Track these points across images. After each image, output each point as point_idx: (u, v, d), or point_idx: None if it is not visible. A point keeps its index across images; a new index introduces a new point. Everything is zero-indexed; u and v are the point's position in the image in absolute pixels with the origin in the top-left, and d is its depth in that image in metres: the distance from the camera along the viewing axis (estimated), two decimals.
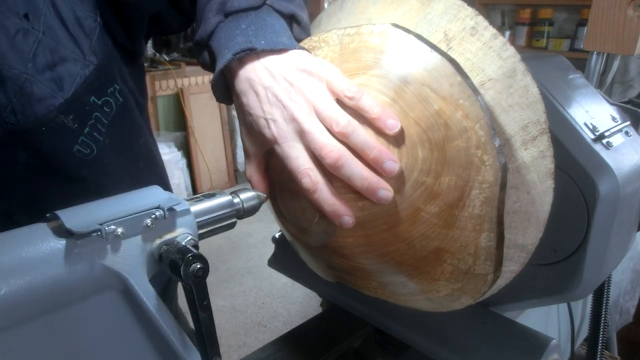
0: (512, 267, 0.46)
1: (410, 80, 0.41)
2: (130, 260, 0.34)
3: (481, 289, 0.43)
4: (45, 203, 0.48)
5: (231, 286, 2.32)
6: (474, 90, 0.39)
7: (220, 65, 0.46)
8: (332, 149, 0.41)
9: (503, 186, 0.39)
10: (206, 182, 3.30)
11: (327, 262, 0.54)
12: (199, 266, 0.34)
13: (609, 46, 0.83)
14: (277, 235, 0.76)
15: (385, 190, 0.41)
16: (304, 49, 0.47)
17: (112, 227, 0.32)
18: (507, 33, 2.81)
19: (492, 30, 0.42)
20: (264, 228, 2.82)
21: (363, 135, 0.41)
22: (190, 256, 0.33)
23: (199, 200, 0.41)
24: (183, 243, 0.35)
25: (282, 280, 2.35)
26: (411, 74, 0.41)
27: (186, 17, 0.59)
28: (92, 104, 0.51)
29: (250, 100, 0.45)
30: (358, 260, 0.47)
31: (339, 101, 0.43)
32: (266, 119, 0.44)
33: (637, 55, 0.81)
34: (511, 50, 0.42)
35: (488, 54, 0.42)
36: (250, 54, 0.45)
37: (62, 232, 0.32)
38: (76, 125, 0.50)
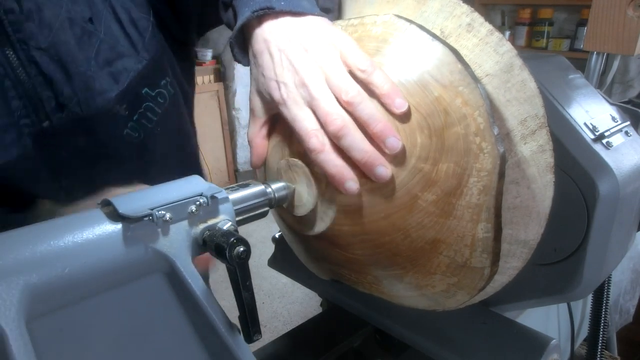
0: (514, 264, 0.46)
1: (411, 67, 0.42)
2: (177, 244, 0.36)
3: (478, 284, 0.43)
4: (99, 182, 0.52)
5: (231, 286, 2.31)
6: (474, 78, 0.40)
7: (240, 22, 0.46)
8: (337, 117, 0.41)
9: (501, 175, 0.39)
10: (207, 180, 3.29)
11: (321, 255, 0.54)
12: (242, 249, 0.36)
13: (609, 46, 0.83)
14: (277, 235, 0.76)
15: (384, 167, 0.41)
16: (324, 15, 0.47)
17: (162, 212, 0.35)
18: (507, 33, 2.81)
19: (488, 27, 0.42)
20: (264, 228, 2.82)
21: (370, 108, 0.41)
22: (234, 239, 0.35)
23: (235, 189, 0.43)
24: (224, 228, 0.38)
25: (282, 280, 2.35)
26: (412, 62, 0.42)
27: None
28: (144, 95, 0.59)
29: (264, 62, 0.45)
30: (353, 251, 0.47)
31: (351, 73, 0.43)
32: (277, 82, 0.44)
33: (637, 55, 0.81)
34: (507, 45, 0.42)
35: (485, 50, 0.42)
36: (269, 12, 0.45)
37: (116, 217, 0.34)
38: (127, 113, 0.57)
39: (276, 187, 0.46)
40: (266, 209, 0.45)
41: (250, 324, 0.38)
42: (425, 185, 0.41)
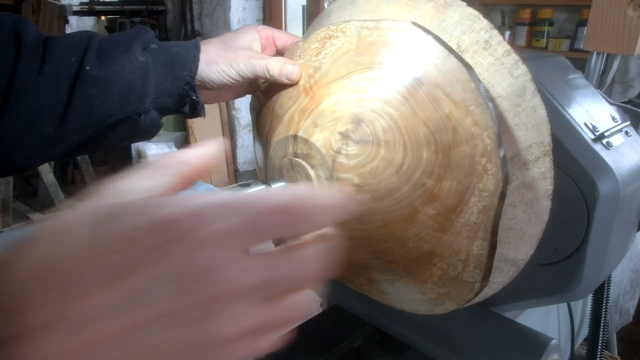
0: (500, 279, 0.47)
1: (424, 80, 0.41)
2: None
3: (467, 296, 0.44)
4: None
5: None
6: (486, 98, 0.39)
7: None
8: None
9: (502, 197, 0.39)
10: (206, 182, 3.30)
11: None
12: None
13: (609, 46, 0.82)
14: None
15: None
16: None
17: None
18: (507, 33, 2.80)
19: (505, 46, 0.41)
20: None
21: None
22: None
23: (235, 189, 0.44)
24: None
25: None
26: (426, 74, 0.41)
27: None
28: None
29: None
30: (349, 254, 0.47)
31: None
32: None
33: (637, 55, 0.81)
34: (523, 68, 0.41)
35: (499, 71, 0.42)
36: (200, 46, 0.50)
37: None
38: None
39: (276, 186, 0.46)
40: None
41: None
42: (427, 199, 0.41)
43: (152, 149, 2.95)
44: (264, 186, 0.45)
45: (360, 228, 0.44)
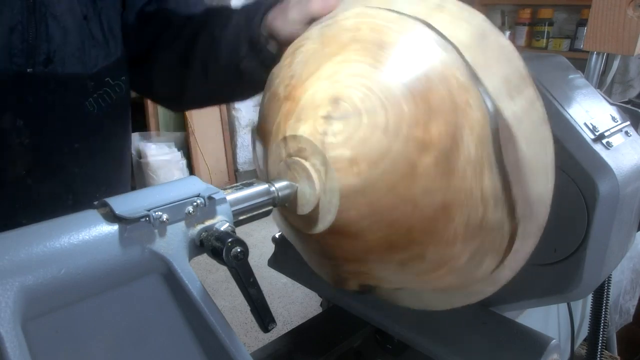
0: (531, 243, 0.45)
1: (385, 45, 0.44)
2: (174, 245, 0.36)
3: (501, 243, 0.43)
4: (59, 144, 0.68)
5: (231, 286, 2.31)
6: (448, 41, 0.41)
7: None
8: None
9: (494, 123, 0.40)
10: (206, 182, 3.29)
11: (332, 254, 0.53)
12: (239, 249, 0.36)
13: (609, 46, 0.82)
14: (277, 235, 0.76)
15: None
16: None
17: (159, 212, 0.35)
18: (507, 33, 2.81)
19: (458, 4, 0.44)
20: (264, 228, 2.82)
21: None
22: (231, 241, 0.36)
23: (239, 188, 0.43)
24: (221, 229, 0.38)
25: (282, 280, 2.35)
26: (385, 38, 0.44)
27: None
28: (106, 81, 0.72)
29: None
30: (366, 237, 0.46)
31: None
32: None
33: (637, 55, 0.81)
34: (480, 16, 0.43)
35: (454, 23, 0.44)
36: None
37: (112, 217, 0.34)
38: (91, 87, 0.70)
39: (280, 185, 0.46)
40: (270, 208, 0.45)
41: (262, 316, 0.39)
42: (421, 149, 0.41)
43: (152, 148, 2.95)
44: (266, 185, 0.45)
45: (368, 201, 0.44)
